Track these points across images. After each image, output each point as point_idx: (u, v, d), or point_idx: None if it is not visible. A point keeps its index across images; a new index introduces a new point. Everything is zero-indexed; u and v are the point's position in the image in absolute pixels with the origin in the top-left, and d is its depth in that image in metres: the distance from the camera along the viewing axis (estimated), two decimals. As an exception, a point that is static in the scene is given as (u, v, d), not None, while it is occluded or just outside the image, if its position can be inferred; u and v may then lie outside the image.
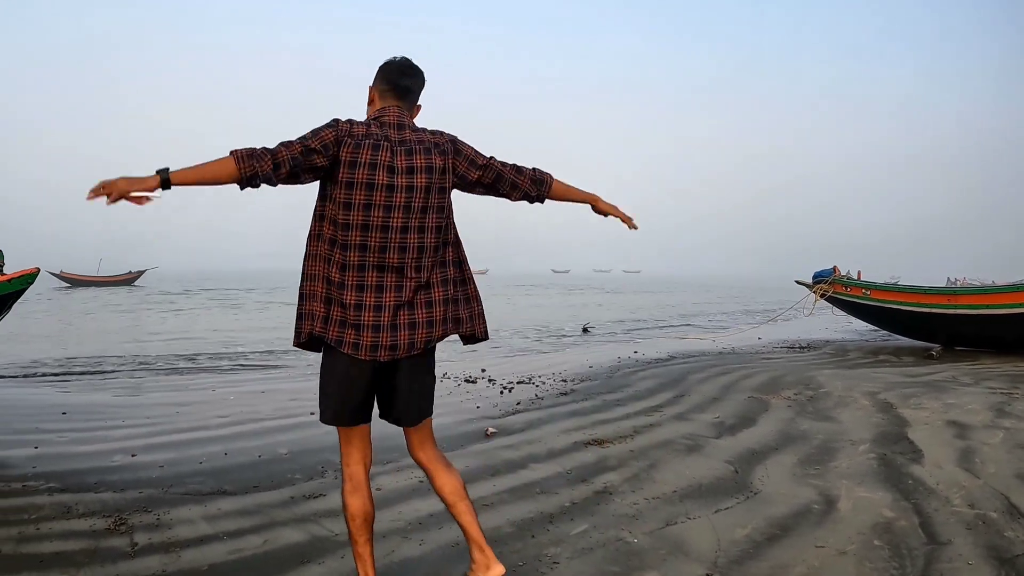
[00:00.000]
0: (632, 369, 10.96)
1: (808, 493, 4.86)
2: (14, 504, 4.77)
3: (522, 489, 5.01)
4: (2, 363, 12.52)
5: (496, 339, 17.94)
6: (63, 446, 6.39)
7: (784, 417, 7.30)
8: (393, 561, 3.81)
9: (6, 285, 6.52)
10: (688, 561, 3.74)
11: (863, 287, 15.02)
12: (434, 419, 7.12)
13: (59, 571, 3.72)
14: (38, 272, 6.76)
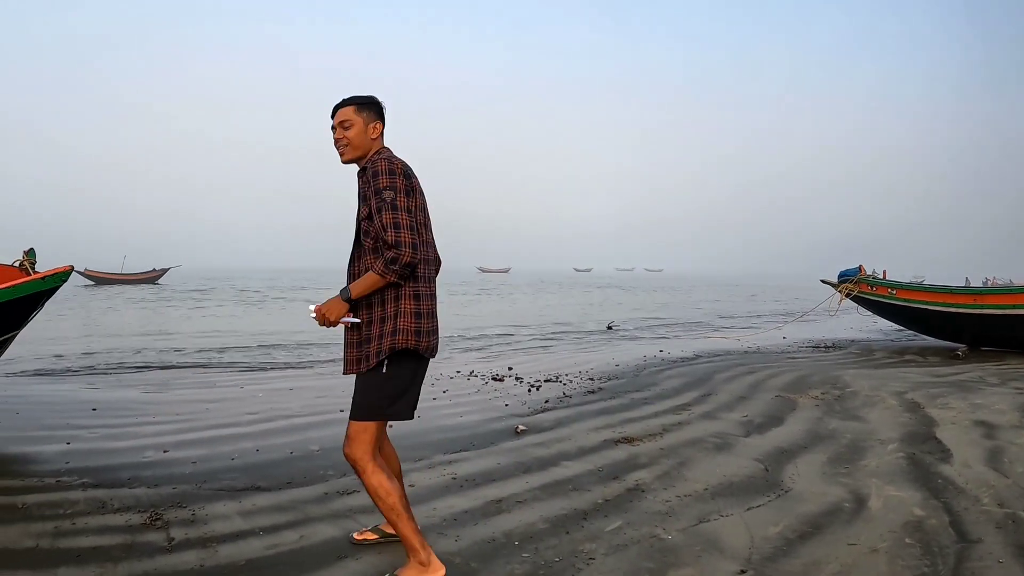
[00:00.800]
0: (658, 368, 10.99)
1: (838, 491, 4.88)
2: (49, 499, 4.84)
3: (554, 486, 5.06)
4: (31, 360, 12.64)
5: (521, 337, 17.99)
6: (94, 442, 6.46)
7: (812, 416, 7.31)
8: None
9: (40, 283, 6.59)
10: (723, 558, 3.77)
11: (889, 286, 14.95)
12: (463, 416, 7.19)
13: (96, 565, 3.77)
14: (71, 270, 6.84)
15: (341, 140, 3.62)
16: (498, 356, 13.50)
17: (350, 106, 3.64)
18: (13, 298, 6.50)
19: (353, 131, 3.60)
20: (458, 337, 17.85)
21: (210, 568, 3.70)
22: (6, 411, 7.83)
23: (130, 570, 3.72)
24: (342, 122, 3.61)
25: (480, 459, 5.79)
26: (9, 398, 8.71)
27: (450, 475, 5.34)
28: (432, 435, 6.59)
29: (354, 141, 3.61)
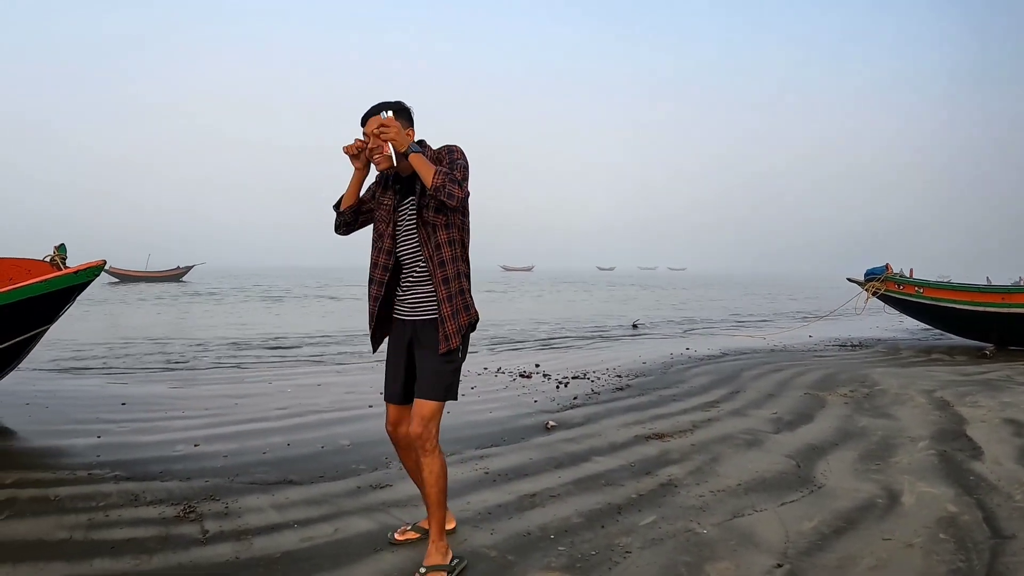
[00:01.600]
0: (685, 365, 10.98)
1: (871, 488, 4.87)
2: (81, 491, 4.89)
3: (587, 481, 5.08)
4: (60, 355, 12.76)
5: (547, 334, 18.00)
6: (125, 436, 6.52)
7: (841, 414, 7.28)
8: (465, 550, 3.88)
9: (72, 277, 6.66)
10: (758, 552, 3.78)
11: (916, 285, 14.84)
12: (493, 412, 7.22)
13: (132, 557, 3.82)
14: (103, 265, 6.92)
15: (376, 149, 3.62)
16: (524, 353, 13.52)
17: (387, 112, 3.62)
18: (46, 292, 6.58)
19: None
20: (485, 335, 17.88)
21: (246, 560, 3.74)
22: (36, 405, 7.91)
23: (166, 562, 3.77)
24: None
25: (512, 454, 5.81)
26: (39, 393, 8.79)
27: (482, 469, 5.37)
28: (463, 430, 6.63)
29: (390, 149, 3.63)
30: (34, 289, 6.49)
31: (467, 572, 3.61)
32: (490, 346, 15.08)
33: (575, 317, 24.56)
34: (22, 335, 6.77)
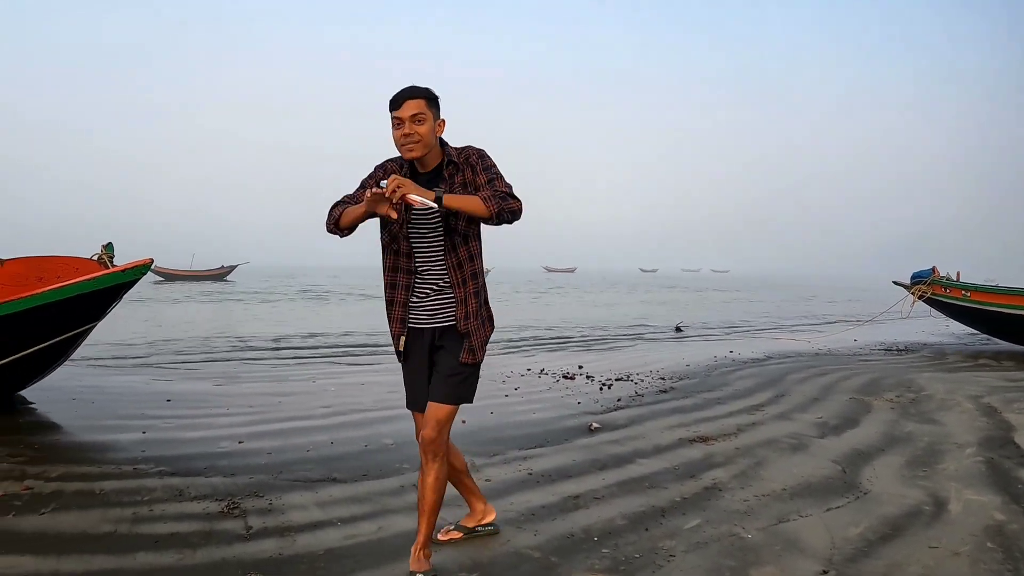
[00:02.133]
0: (729, 368, 10.91)
1: (917, 494, 4.81)
2: (126, 486, 4.95)
3: (631, 483, 5.06)
4: (106, 352, 12.95)
5: (590, 335, 17.97)
6: (169, 432, 6.60)
7: (887, 419, 7.20)
8: (509, 550, 3.89)
9: (120, 275, 6.76)
10: (804, 557, 3.75)
11: (962, 288, 14.62)
12: (536, 413, 7.21)
13: (175, 551, 3.86)
14: (151, 263, 7.02)
15: (412, 136, 3.37)
16: (568, 354, 13.50)
17: (422, 99, 3.39)
18: (95, 290, 6.68)
19: (426, 127, 3.38)
20: (528, 336, 17.90)
21: (289, 557, 3.77)
22: (82, 400, 8.02)
23: (209, 556, 3.81)
24: (416, 115, 3.36)
25: (555, 455, 5.81)
26: (85, 388, 8.91)
27: (526, 470, 5.37)
28: (506, 431, 6.63)
29: (426, 138, 3.39)
30: (83, 287, 6.61)
31: (511, 574, 3.62)
32: (533, 347, 15.07)
33: (618, 319, 24.51)
34: (71, 332, 6.89)
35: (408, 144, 3.39)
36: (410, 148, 3.39)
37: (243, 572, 3.61)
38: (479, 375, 3.66)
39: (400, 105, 3.36)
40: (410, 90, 3.39)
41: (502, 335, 17.68)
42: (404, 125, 3.35)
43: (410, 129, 3.35)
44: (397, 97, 3.39)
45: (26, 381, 7.65)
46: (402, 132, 3.36)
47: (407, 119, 3.35)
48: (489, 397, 8.25)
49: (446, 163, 3.50)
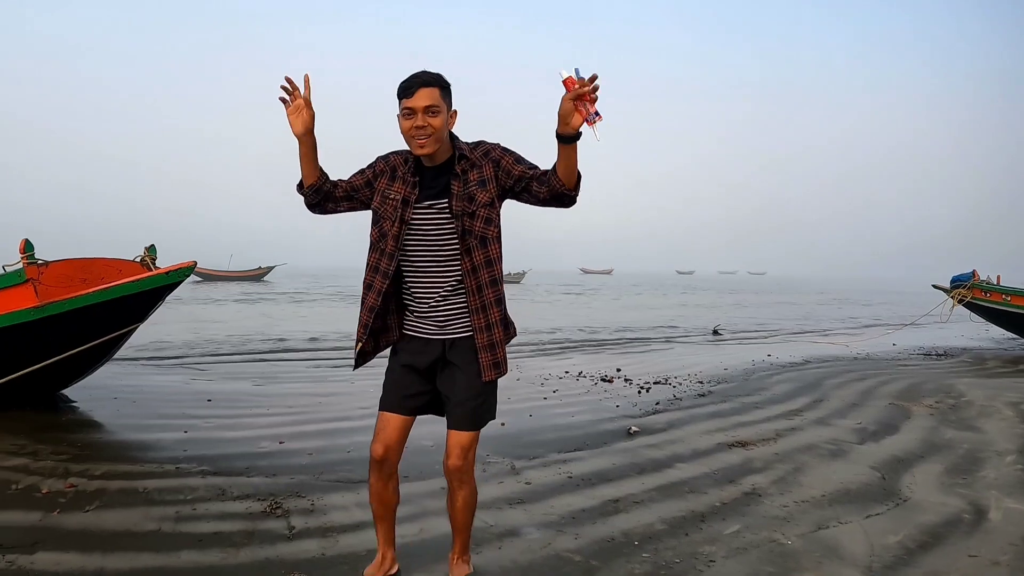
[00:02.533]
0: (767, 372, 10.87)
1: (957, 503, 4.80)
2: (168, 485, 5.03)
3: (670, 488, 5.09)
4: (144, 351, 13.13)
5: (627, 338, 17.97)
6: (210, 431, 6.69)
7: (926, 425, 7.16)
8: (549, 553, 3.92)
9: (163, 277, 6.87)
10: (843, 565, 3.77)
11: (1003, 292, 14.47)
12: (575, 416, 7.23)
13: (219, 550, 3.92)
14: (194, 265, 7.13)
15: (425, 129, 3.03)
16: (605, 356, 13.53)
17: (436, 87, 3.05)
18: (138, 291, 6.80)
19: (440, 119, 3.04)
20: (565, 337, 17.93)
21: (332, 557, 3.82)
22: (123, 399, 8.15)
23: (252, 556, 3.86)
24: (430, 107, 3.01)
25: (594, 459, 5.84)
26: (126, 387, 9.05)
27: (566, 474, 5.41)
28: (545, 434, 6.67)
29: (439, 131, 3.06)
30: (127, 288, 6.73)
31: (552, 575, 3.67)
32: (571, 348, 15.11)
33: (655, 321, 24.47)
34: (115, 332, 7.01)
35: (420, 138, 3.05)
36: (422, 143, 3.06)
37: (286, 572, 3.67)
38: (496, 389, 3.34)
39: (412, 93, 3.02)
40: (423, 76, 3.05)
41: (540, 337, 17.72)
42: (416, 116, 3.02)
43: (423, 121, 3.02)
44: (409, 84, 3.05)
45: (69, 380, 7.81)
46: (414, 124, 3.03)
47: (420, 110, 3.02)
48: (528, 400, 8.32)
49: (457, 158, 3.17)
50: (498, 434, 6.51)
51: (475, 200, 3.15)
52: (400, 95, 3.06)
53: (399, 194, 3.19)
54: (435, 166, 3.18)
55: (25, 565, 3.71)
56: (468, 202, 3.15)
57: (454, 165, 3.16)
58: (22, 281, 6.46)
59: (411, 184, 3.18)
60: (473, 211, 3.16)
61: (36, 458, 5.60)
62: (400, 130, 3.12)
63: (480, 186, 3.17)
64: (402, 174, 3.21)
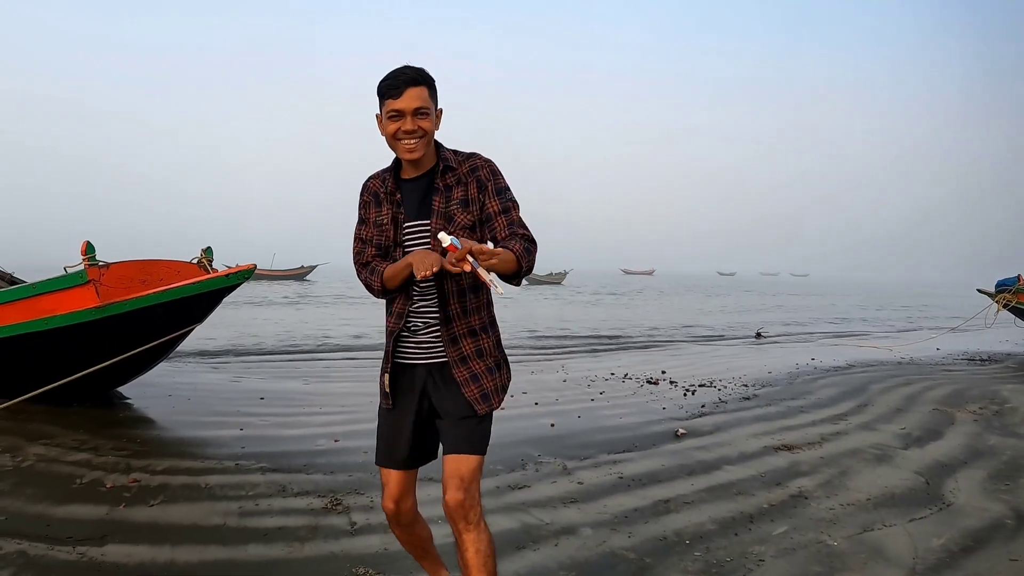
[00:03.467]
0: (811, 376, 10.91)
1: (1000, 508, 4.87)
2: (230, 481, 5.24)
3: (719, 489, 5.22)
4: (194, 349, 13.34)
5: (670, 340, 18.04)
6: (266, 429, 6.89)
7: (971, 431, 7.19)
8: (605, 551, 4.08)
9: (224, 280, 6.99)
10: (888, 566, 3.89)
11: (1050, 298, 14.35)
12: (623, 418, 7.37)
13: (284, 544, 4.11)
14: (255, 268, 7.29)
15: (416, 132, 2.73)
16: (650, 358, 13.65)
17: (424, 86, 2.74)
18: (199, 293, 6.97)
19: (430, 121, 2.75)
20: (606, 336, 18.05)
21: (394, 552, 3.94)
22: (178, 397, 8.43)
23: (317, 550, 4.04)
24: (420, 108, 2.71)
25: (644, 460, 5.97)
26: (179, 385, 9.33)
27: (616, 474, 5.55)
28: (595, 435, 6.80)
29: (430, 135, 2.78)
30: (187, 290, 6.90)
31: (608, 573, 3.82)
32: (615, 351, 15.27)
33: (699, 323, 24.50)
34: (175, 332, 7.22)
35: (410, 142, 2.75)
36: (411, 146, 2.75)
37: (350, 566, 3.84)
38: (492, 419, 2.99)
39: (400, 94, 2.70)
40: (410, 73, 2.73)
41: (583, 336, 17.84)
42: (405, 119, 2.71)
43: (413, 124, 2.72)
44: (393, 82, 2.72)
45: (126, 378, 8.03)
46: (402, 127, 2.72)
47: (409, 112, 2.71)
48: (576, 401, 8.47)
49: (441, 169, 2.85)
50: (548, 435, 6.69)
51: (454, 221, 2.82)
52: (383, 94, 2.75)
53: (386, 216, 2.88)
54: (416, 178, 2.87)
55: (96, 557, 3.92)
56: (447, 222, 2.82)
57: (437, 177, 2.85)
58: (84, 282, 6.66)
59: (395, 203, 2.87)
60: (457, 215, 2.83)
61: (98, 453, 5.86)
62: (382, 132, 2.83)
63: (462, 206, 2.84)
64: (384, 195, 2.89)
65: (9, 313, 6.95)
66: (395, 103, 2.69)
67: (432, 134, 2.79)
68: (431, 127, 2.75)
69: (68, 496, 4.86)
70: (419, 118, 2.71)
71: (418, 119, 2.71)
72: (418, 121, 2.70)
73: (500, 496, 4.99)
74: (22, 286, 7.19)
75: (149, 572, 3.79)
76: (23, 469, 5.41)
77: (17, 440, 6.12)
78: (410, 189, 2.87)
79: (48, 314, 6.79)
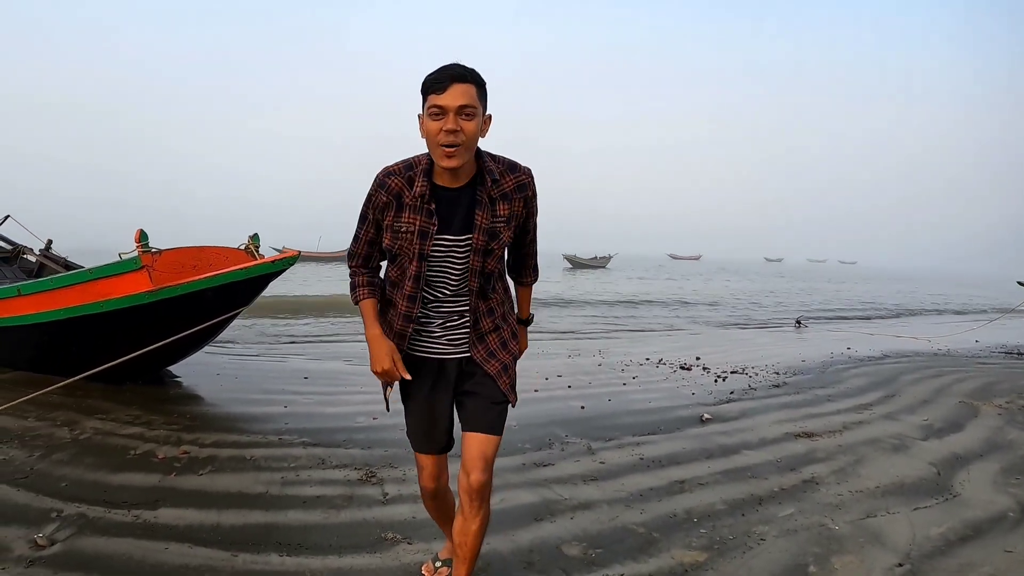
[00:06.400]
0: (844, 366, 10.92)
1: (1006, 501, 4.93)
2: (273, 454, 5.55)
3: (734, 472, 5.37)
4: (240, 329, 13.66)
5: (708, 326, 18.10)
6: (309, 407, 7.18)
7: (992, 425, 7.21)
8: (616, 525, 4.29)
9: (270, 266, 7.18)
10: (884, 551, 4.01)
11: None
12: (652, 402, 7.54)
13: (321, 511, 4.40)
14: (299, 255, 7.47)
15: (458, 134, 2.47)
16: (686, 345, 13.72)
17: (472, 84, 2.50)
18: (248, 278, 7.22)
19: (475, 123, 2.50)
20: (646, 326, 18.16)
21: (421, 520, 4.18)
22: (226, 376, 8.79)
23: (351, 517, 4.34)
24: (465, 107, 2.46)
25: (666, 443, 6.13)
26: (227, 364, 9.72)
27: (638, 456, 5.73)
28: (623, 418, 6.97)
29: (472, 140, 2.53)
30: (236, 275, 7.15)
31: (617, 546, 4.02)
32: (652, 335, 15.42)
33: (740, 310, 24.50)
34: (225, 315, 7.50)
35: (451, 145, 2.49)
36: (451, 152, 2.50)
37: (380, 531, 4.12)
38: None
39: (444, 89, 2.46)
40: (457, 69, 2.50)
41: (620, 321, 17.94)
42: (447, 118, 2.46)
43: (455, 124, 2.46)
44: (440, 76, 2.48)
45: (176, 358, 8.32)
46: (443, 127, 2.47)
47: (452, 110, 2.46)
48: (608, 385, 8.63)
49: (487, 181, 2.65)
50: (577, 417, 6.88)
51: (499, 238, 2.72)
52: (427, 90, 2.52)
53: (412, 225, 2.63)
54: (455, 188, 2.65)
55: (149, 520, 4.23)
56: (491, 239, 2.70)
57: (477, 188, 2.66)
58: (138, 268, 6.96)
59: (427, 212, 2.62)
60: (492, 249, 2.72)
61: (150, 427, 6.18)
62: (422, 134, 2.59)
63: (506, 223, 2.72)
64: (411, 200, 2.63)
65: (67, 296, 7.31)
66: (438, 98, 2.45)
67: (475, 141, 2.55)
68: (475, 131, 2.50)
69: (123, 465, 5.18)
70: (463, 118, 2.46)
71: (462, 119, 2.46)
72: (461, 121, 2.46)
73: (525, 472, 5.20)
74: (79, 271, 7.51)
75: (197, 533, 4.07)
76: (81, 441, 5.73)
77: (75, 415, 6.46)
78: (447, 198, 2.63)
79: (103, 297, 7.11)
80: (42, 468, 5.04)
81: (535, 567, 3.75)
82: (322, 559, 3.79)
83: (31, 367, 8.31)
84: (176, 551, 3.83)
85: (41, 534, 3.93)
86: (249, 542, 3.97)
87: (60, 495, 4.55)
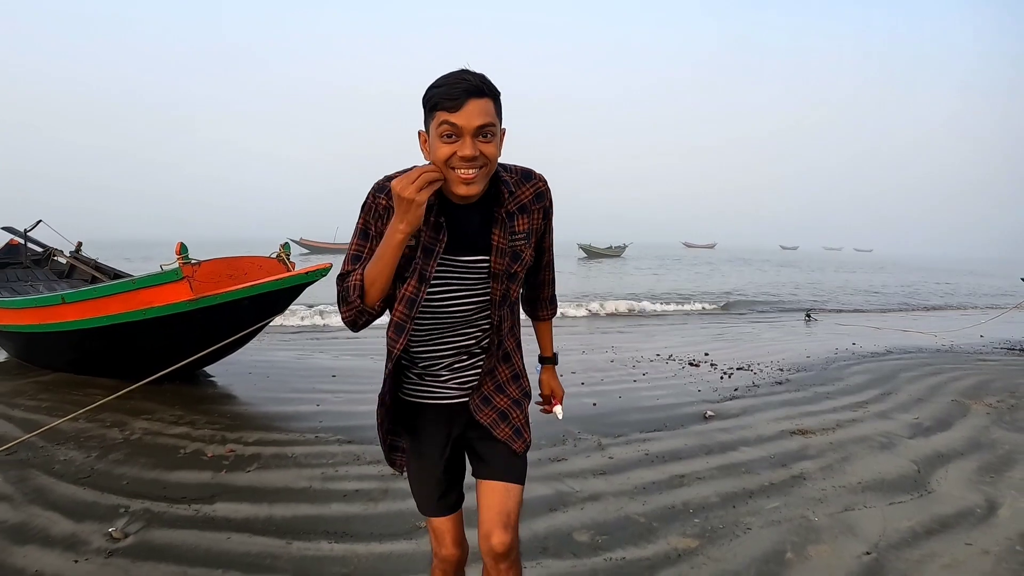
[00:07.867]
0: (847, 362, 11.28)
1: (975, 497, 5.34)
2: (312, 451, 6.15)
3: (730, 468, 5.88)
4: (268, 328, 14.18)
5: (718, 320, 18.50)
6: (340, 405, 7.75)
7: (979, 424, 7.54)
8: (620, 516, 4.85)
9: (303, 277, 7.68)
10: (855, 541, 4.51)
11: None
12: (659, 399, 8.06)
13: (361, 504, 4.99)
14: (330, 267, 7.78)
15: (477, 160, 2.07)
16: (696, 340, 14.17)
17: (490, 98, 2.08)
18: (280, 288, 7.81)
19: (495, 145, 2.10)
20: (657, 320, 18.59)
21: None
22: (257, 375, 9.38)
23: (388, 508, 4.92)
24: (484, 127, 2.05)
25: (670, 439, 6.65)
26: (257, 363, 10.28)
27: (644, 451, 6.27)
28: (631, 415, 7.50)
29: (493, 162, 2.13)
30: (271, 285, 7.74)
31: (620, 533, 4.56)
32: (663, 330, 15.93)
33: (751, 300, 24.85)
34: (260, 322, 8.07)
35: (469, 172, 2.09)
36: (469, 178, 2.09)
37: (414, 521, 4.67)
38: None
39: (460, 107, 2.02)
40: (472, 80, 2.05)
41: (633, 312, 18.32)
42: (465, 141, 2.04)
43: (473, 149, 2.05)
44: (450, 91, 2.04)
45: (213, 360, 8.89)
46: (459, 153, 2.05)
47: (470, 132, 2.04)
48: (620, 382, 9.16)
49: (504, 193, 2.27)
50: (590, 414, 7.42)
51: (521, 259, 2.34)
52: (435, 104, 2.07)
53: (415, 239, 2.21)
54: (467, 203, 2.23)
55: (209, 513, 4.84)
56: (513, 261, 2.32)
57: (494, 204, 2.27)
58: (179, 278, 7.59)
59: (434, 226, 2.20)
60: (515, 272, 2.35)
61: (195, 427, 6.79)
62: (426, 154, 2.18)
63: (526, 239, 2.34)
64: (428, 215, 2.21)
65: (113, 304, 7.96)
66: (452, 116, 2.02)
67: (496, 163, 2.15)
68: (495, 153, 2.11)
69: (176, 464, 5.80)
70: (482, 140, 2.06)
71: (480, 141, 2.06)
72: (481, 144, 2.06)
73: (541, 467, 5.75)
74: (124, 280, 8.09)
75: (253, 524, 4.68)
76: (132, 441, 6.34)
77: (122, 416, 7.07)
78: (458, 215, 2.22)
79: (147, 305, 7.73)
80: (102, 468, 5.65)
81: (549, 551, 4.30)
82: (366, 545, 4.37)
83: (73, 369, 8.96)
84: (237, 540, 4.43)
85: (114, 528, 4.52)
86: (300, 531, 4.56)
87: (123, 492, 5.16)
